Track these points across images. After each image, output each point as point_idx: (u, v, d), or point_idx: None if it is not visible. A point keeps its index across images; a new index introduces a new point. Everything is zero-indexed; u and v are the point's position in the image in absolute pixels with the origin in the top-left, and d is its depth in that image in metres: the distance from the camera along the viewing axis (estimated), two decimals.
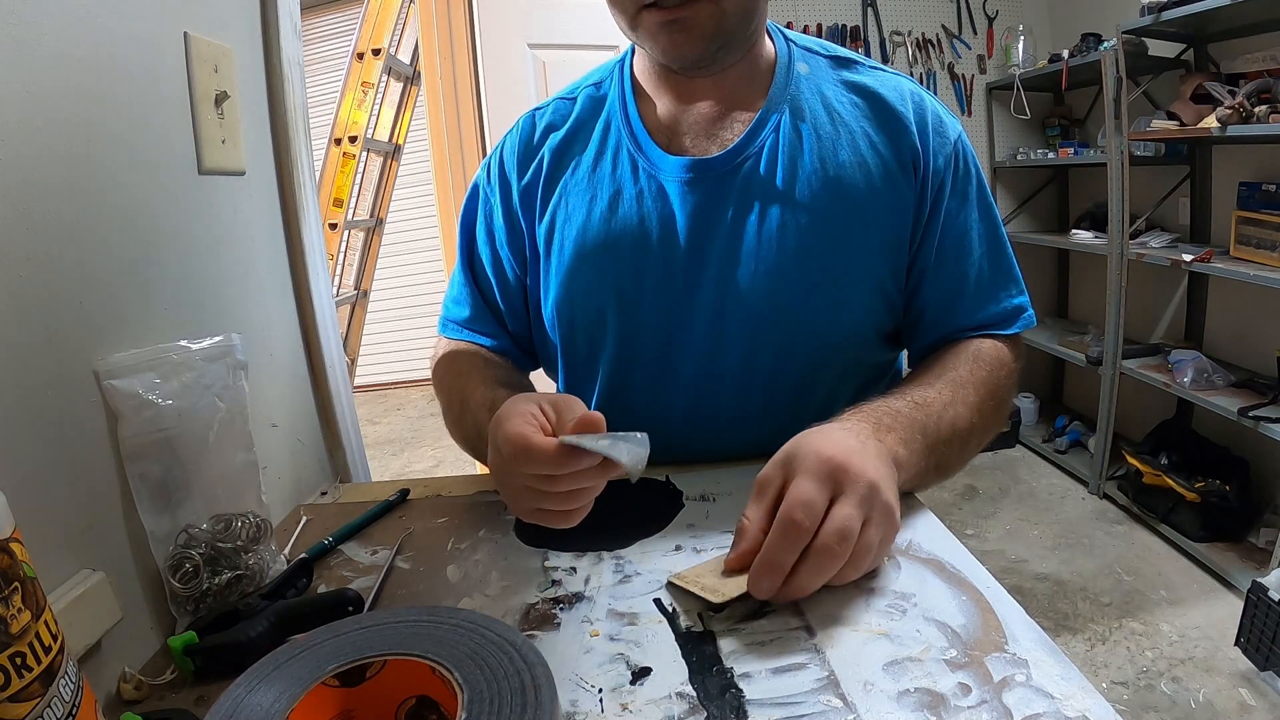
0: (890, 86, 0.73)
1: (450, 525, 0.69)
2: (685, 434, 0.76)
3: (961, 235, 0.73)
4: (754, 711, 0.42)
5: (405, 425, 4.40)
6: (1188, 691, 1.69)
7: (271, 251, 0.86)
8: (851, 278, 0.71)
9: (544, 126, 0.78)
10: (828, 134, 0.71)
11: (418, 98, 3.17)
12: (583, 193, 0.74)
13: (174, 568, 0.57)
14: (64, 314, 0.53)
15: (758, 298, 0.70)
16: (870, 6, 3.06)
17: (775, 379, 0.73)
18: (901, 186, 0.70)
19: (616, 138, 0.74)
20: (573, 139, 0.76)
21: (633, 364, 0.76)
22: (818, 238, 0.69)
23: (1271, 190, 2.08)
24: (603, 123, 0.75)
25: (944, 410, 0.65)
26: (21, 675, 0.35)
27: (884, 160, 0.70)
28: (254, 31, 0.83)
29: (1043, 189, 3.27)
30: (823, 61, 0.75)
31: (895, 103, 0.72)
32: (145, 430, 0.58)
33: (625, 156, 0.73)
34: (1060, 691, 0.42)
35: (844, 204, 0.69)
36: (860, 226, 0.70)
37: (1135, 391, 2.57)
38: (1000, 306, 0.75)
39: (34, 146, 0.51)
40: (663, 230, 0.71)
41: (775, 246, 0.69)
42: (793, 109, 0.71)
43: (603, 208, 0.73)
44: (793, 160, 0.70)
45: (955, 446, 0.66)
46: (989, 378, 0.70)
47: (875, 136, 0.71)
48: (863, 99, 0.72)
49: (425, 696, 0.43)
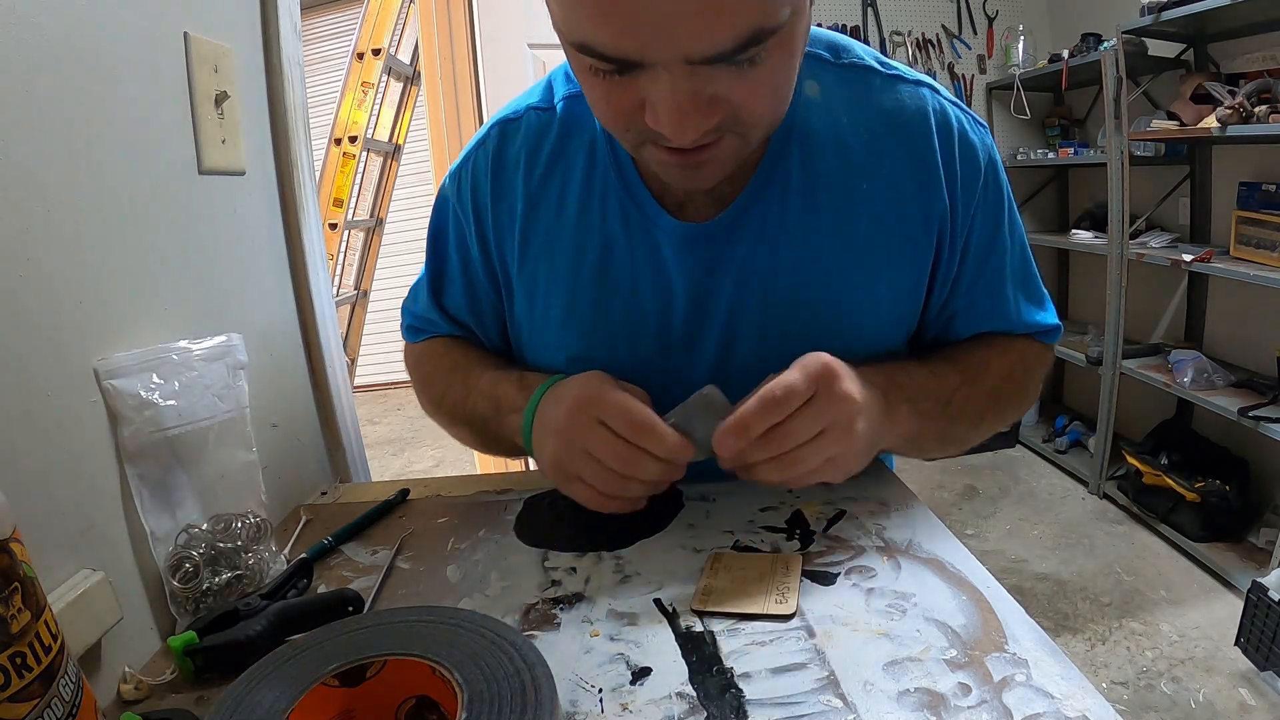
0: (911, 97, 0.63)
1: (450, 525, 0.69)
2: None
3: (993, 254, 0.67)
4: (754, 711, 0.42)
5: (405, 425, 4.40)
6: (1188, 691, 1.69)
7: (271, 251, 0.86)
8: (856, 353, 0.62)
9: (520, 149, 0.67)
10: (839, 183, 0.62)
11: (418, 98, 3.17)
12: (569, 241, 0.65)
13: (174, 568, 0.58)
14: (64, 314, 0.53)
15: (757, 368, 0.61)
16: (870, 6, 3.06)
17: None
18: (920, 234, 0.63)
19: (604, 178, 0.64)
20: (553, 166, 0.66)
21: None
22: (818, 319, 0.64)
23: (1271, 190, 2.08)
24: (586, 152, 0.65)
25: (961, 385, 0.65)
26: (21, 675, 0.35)
27: (902, 205, 0.62)
28: (254, 31, 0.83)
29: (1043, 189, 3.27)
30: (832, 75, 0.63)
31: (916, 111, 0.62)
32: (145, 430, 0.58)
33: (614, 204, 0.64)
34: (1060, 691, 0.42)
35: (852, 273, 0.63)
36: (869, 296, 0.64)
37: (1135, 391, 2.57)
38: (1030, 326, 0.71)
39: (34, 147, 0.51)
40: (658, 297, 0.65)
41: (775, 321, 0.64)
42: (801, 155, 0.62)
43: (592, 263, 0.65)
44: (800, 224, 0.62)
45: (962, 425, 0.66)
46: (1014, 366, 0.70)
47: (894, 177, 0.62)
48: (880, 125, 0.62)
49: (425, 696, 0.43)
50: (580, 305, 0.66)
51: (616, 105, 0.49)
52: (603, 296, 0.66)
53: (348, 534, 0.68)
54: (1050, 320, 0.72)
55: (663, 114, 0.47)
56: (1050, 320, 0.72)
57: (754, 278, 0.64)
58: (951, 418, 0.65)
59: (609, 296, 0.66)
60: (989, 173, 0.65)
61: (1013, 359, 0.71)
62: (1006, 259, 0.68)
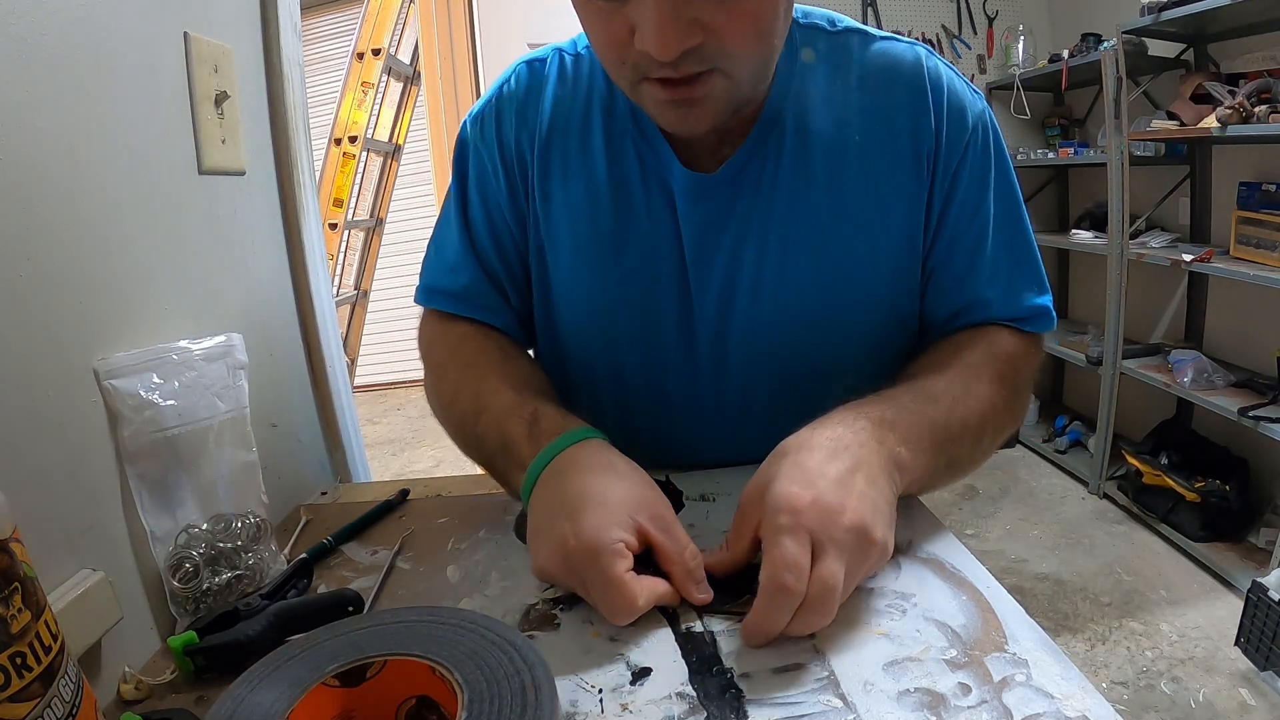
0: (903, 57, 0.65)
1: (450, 525, 0.69)
2: (687, 437, 0.75)
3: (984, 224, 0.67)
4: (754, 711, 0.42)
5: (405, 425, 4.40)
6: (1188, 691, 1.69)
7: (271, 251, 0.86)
8: (855, 300, 0.67)
9: (545, 86, 0.70)
10: (833, 138, 0.65)
11: (418, 98, 3.17)
12: (588, 175, 0.68)
13: (174, 568, 0.58)
14: (64, 314, 0.53)
15: (760, 321, 0.67)
16: (870, 6, 3.07)
17: (777, 395, 0.71)
18: (914, 184, 0.65)
19: (622, 124, 0.67)
20: (574, 105, 0.69)
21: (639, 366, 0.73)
22: (817, 267, 0.66)
23: (1271, 190, 2.08)
24: (606, 97, 0.68)
25: (954, 404, 0.60)
26: (21, 675, 0.35)
27: (896, 161, 0.65)
28: (254, 31, 0.83)
29: (1043, 189, 3.27)
30: (827, 41, 0.67)
31: (907, 70, 0.65)
32: (145, 430, 0.58)
33: (630, 146, 0.67)
34: (1060, 691, 0.42)
35: (849, 219, 0.65)
36: (866, 245, 0.66)
37: (1135, 391, 2.57)
38: (1019, 307, 0.69)
39: (34, 146, 0.51)
40: (670, 240, 0.68)
41: (775, 271, 0.66)
42: (796, 110, 0.65)
43: (608, 203, 0.68)
44: (795, 174, 0.65)
45: (967, 443, 0.61)
46: (1005, 370, 0.65)
47: (886, 113, 0.64)
48: (873, 85, 0.65)
49: (425, 696, 0.43)
50: (596, 241, 0.68)
51: (611, 34, 0.53)
52: (619, 238, 0.68)
53: (348, 534, 0.68)
54: (1040, 301, 0.69)
55: (646, 31, 0.50)
56: (1040, 301, 0.69)
57: (751, 231, 0.66)
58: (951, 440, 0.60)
59: (624, 237, 0.67)
60: (978, 133, 0.66)
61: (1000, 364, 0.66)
62: (991, 225, 0.67)
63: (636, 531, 0.51)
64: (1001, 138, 0.68)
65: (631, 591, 0.49)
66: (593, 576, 0.49)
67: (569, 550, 0.50)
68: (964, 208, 0.66)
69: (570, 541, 0.50)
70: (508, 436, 0.61)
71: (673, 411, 0.74)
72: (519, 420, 0.61)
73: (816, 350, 0.69)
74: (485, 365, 0.69)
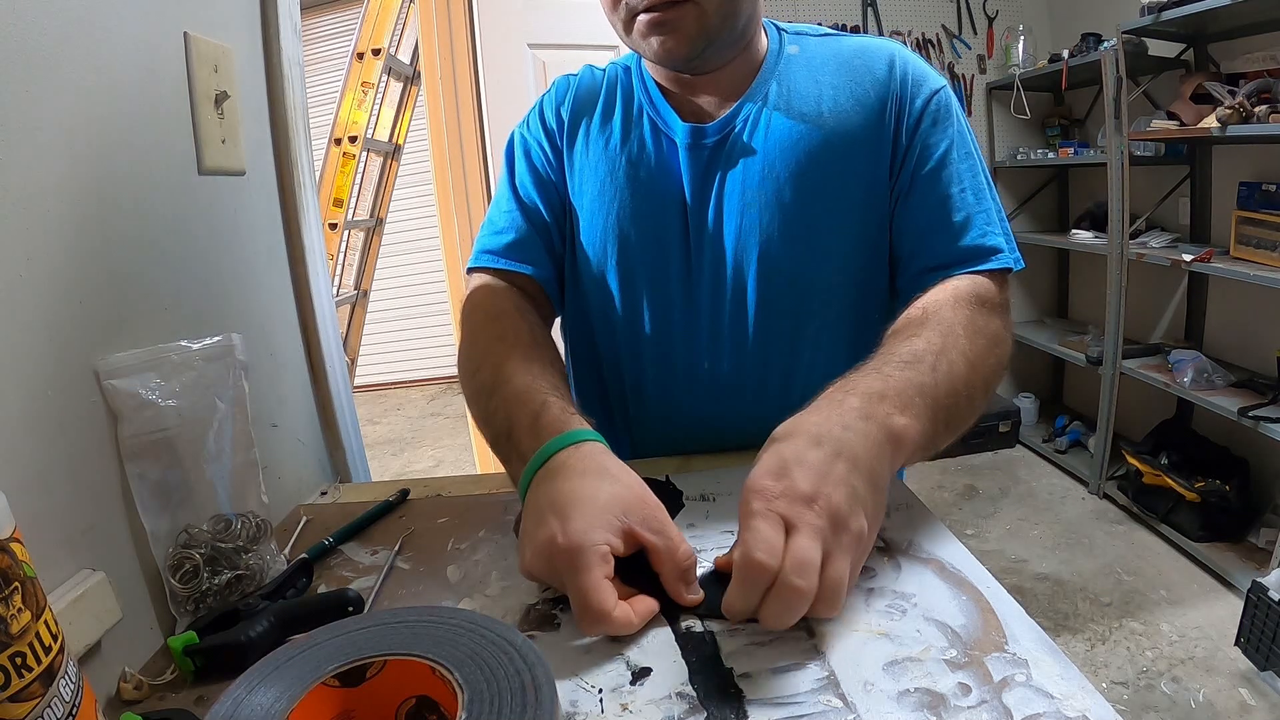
0: (873, 46, 0.79)
1: (450, 525, 0.69)
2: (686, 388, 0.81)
3: (939, 166, 0.74)
4: (754, 711, 0.42)
5: (405, 425, 4.40)
6: (1188, 691, 1.69)
7: (271, 251, 0.86)
8: (830, 228, 0.75)
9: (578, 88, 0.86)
10: (809, 93, 0.76)
11: (418, 98, 3.17)
12: (606, 137, 0.82)
13: (174, 568, 0.58)
14: (64, 314, 0.53)
15: (744, 253, 0.76)
16: (870, 6, 3.06)
17: (764, 334, 0.78)
18: (880, 130, 0.75)
19: (639, 104, 0.82)
20: (597, 93, 0.85)
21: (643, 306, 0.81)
22: (795, 191, 0.74)
23: (1271, 190, 2.08)
24: (626, 90, 0.84)
25: (938, 360, 0.61)
26: (21, 675, 0.35)
27: (864, 107, 0.75)
28: (254, 31, 0.83)
29: (1043, 189, 3.27)
30: (812, 40, 0.81)
31: (874, 54, 0.77)
32: (145, 430, 0.58)
33: (645, 118, 0.81)
34: (1060, 691, 0.42)
35: (823, 156, 0.74)
36: (839, 177, 0.75)
37: (1135, 391, 2.57)
38: (979, 241, 0.73)
39: (34, 147, 0.51)
40: (672, 185, 0.79)
41: (756, 204, 0.76)
42: (778, 82, 0.78)
43: (624, 153, 0.80)
44: (772, 123, 0.76)
45: (961, 398, 0.61)
46: (974, 317, 0.67)
47: (855, 88, 0.76)
48: (847, 59, 0.78)
49: (425, 697, 0.43)
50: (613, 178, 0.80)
51: None
52: (630, 174, 0.80)
53: (348, 534, 0.68)
54: (999, 241, 0.73)
55: None
56: (999, 241, 0.73)
57: (736, 169, 0.76)
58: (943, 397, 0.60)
59: (634, 176, 0.79)
60: (940, 97, 0.76)
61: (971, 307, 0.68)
62: (952, 170, 0.75)
63: (624, 534, 0.51)
64: (963, 114, 0.78)
65: (601, 598, 0.48)
66: (570, 578, 0.49)
67: (554, 550, 0.50)
68: (925, 149, 0.75)
69: (558, 539, 0.50)
70: (513, 422, 0.62)
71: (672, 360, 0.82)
72: (526, 410, 0.62)
73: (795, 265, 0.76)
74: (513, 343, 0.71)
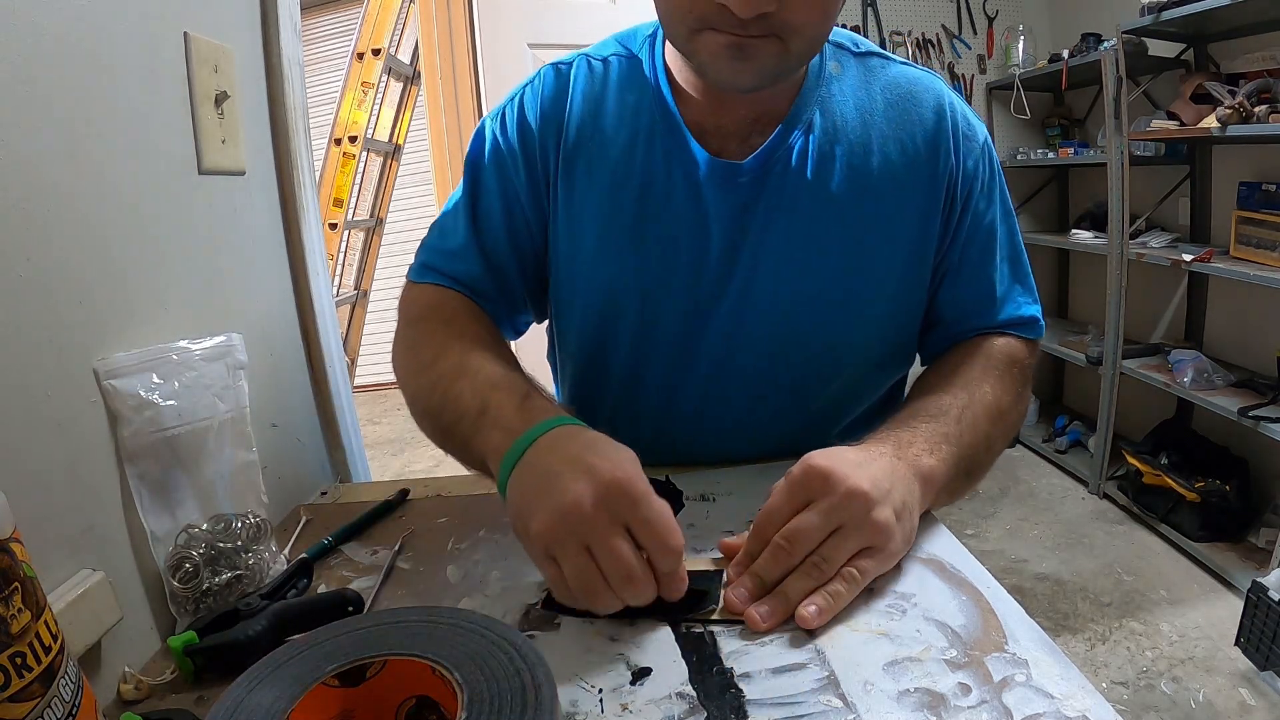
0: (921, 85, 0.71)
1: (450, 525, 0.69)
2: (693, 432, 0.76)
3: (987, 238, 0.73)
4: (754, 711, 0.42)
5: (405, 425, 4.39)
6: (1188, 691, 1.69)
7: (271, 251, 0.86)
8: (871, 296, 0.70)
9: (571, 88, 0.72)
10: (858, 139, 0.69)
11: (418, 98, 3.17)
12: (611, 171, 0.70)
13: (174, 568, 0.58)
14: (64, 314, 0.53)
15: (778, 311, 0.70)
16: (870, 6, 3.06)
17: (786, 389, 0.74)
18: (930, 196, 0.69)
19: (650, 121, 0.70)
20: (602, 107, 0.71)
21: (649, 357, 0.74)
22: (841, 255, 0.69)
23: (1271, 190, 2.08)
24: (634, 98, 0.71)
25: (962, 414, 0.65)
26: (21, 675, 0.35)
27: (912, 162, 0.69)
28: (254, 31, 0.83)
29: (1043, 189, 3.27)
30: (853, 60, 0.71)
31: (922, 97, 0.70)
32: (145, 430, 0.58)
33: (658, 144, 0.69)
34: (1060, 691, 0.42)
35: (870, 216, 0.69)
36: (886, 240, 0.69)
37: (1135, 391, 2.57)
38: (1017, 314, 0.75)
39: (34, 146, 0.51)
40: (693, 230, 0.69)
41: (800, 261, 0.69)
42: (823, 111, 0.69)
43: (631, 193, 0.69)
44: (821, 167, 0.68)
45: (980, 450, 0.66)
46: (1004, 375, 0.70)
47: (901, 135, 0.69)
48: (895, 100, 0.70)
49: (425, 696, 0.43)
50: (616, 229, 0.70)
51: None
52: (639, 224, 0.70)
53: (348, 534, 0.68)
54: (1035, 311, 0.76)
55: None
56: (1035, 311, 0.76)
57: (779, 214, 0.68)
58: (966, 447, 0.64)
59: (645, 223, 0.70)
60: (985, 154, 0.72)
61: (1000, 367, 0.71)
62: (997, 235, 0.73)
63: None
64: (997, 158, 0.74)
65: (674, 523, 0.49)
66: (631, 511, 0.48)
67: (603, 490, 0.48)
68: (975, 217, 0.72)
69: (602, 477, 0.48)
70: (490, 402, 0.59)
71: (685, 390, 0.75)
72: (509, 393, 0.60)
73: (830, 332, 0.72)
74: (476, 339, 0.69)
